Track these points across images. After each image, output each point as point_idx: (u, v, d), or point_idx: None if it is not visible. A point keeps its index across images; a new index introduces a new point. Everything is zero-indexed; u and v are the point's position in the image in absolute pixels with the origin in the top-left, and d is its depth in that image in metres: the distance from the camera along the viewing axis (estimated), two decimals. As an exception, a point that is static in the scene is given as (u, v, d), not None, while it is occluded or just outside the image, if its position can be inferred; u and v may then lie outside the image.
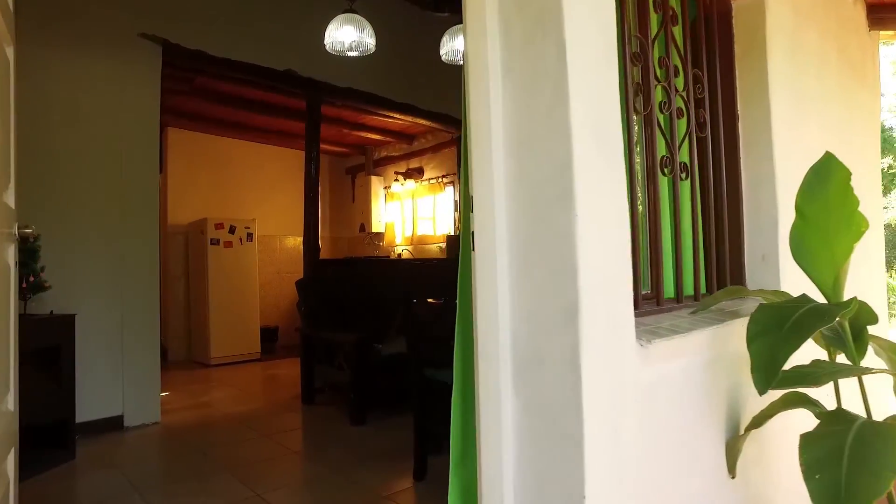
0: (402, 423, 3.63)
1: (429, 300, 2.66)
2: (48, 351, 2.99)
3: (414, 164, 7.32)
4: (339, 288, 4.45)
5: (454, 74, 5.81)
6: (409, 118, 5.64)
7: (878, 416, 1.30)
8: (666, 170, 1.66)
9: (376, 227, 7.46)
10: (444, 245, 6.66)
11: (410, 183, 7.23)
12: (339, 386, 4.05)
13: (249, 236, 6.45)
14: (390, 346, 3.57)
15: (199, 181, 6.75)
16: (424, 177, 7.13)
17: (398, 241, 7.47)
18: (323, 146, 5.98)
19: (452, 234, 6.47)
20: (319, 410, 4.07)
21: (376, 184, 7.52)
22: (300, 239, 4.94)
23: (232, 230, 6.30)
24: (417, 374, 2.71)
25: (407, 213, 7.38)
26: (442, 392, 3.02)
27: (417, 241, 7.20)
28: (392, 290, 4.45)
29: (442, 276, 2.78)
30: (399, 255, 7.27)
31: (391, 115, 5.53)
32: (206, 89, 5.28)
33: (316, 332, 4.20)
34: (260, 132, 6.79)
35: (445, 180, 6.80)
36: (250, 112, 5.87)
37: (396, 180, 7.37)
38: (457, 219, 6.46)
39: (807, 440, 1.17)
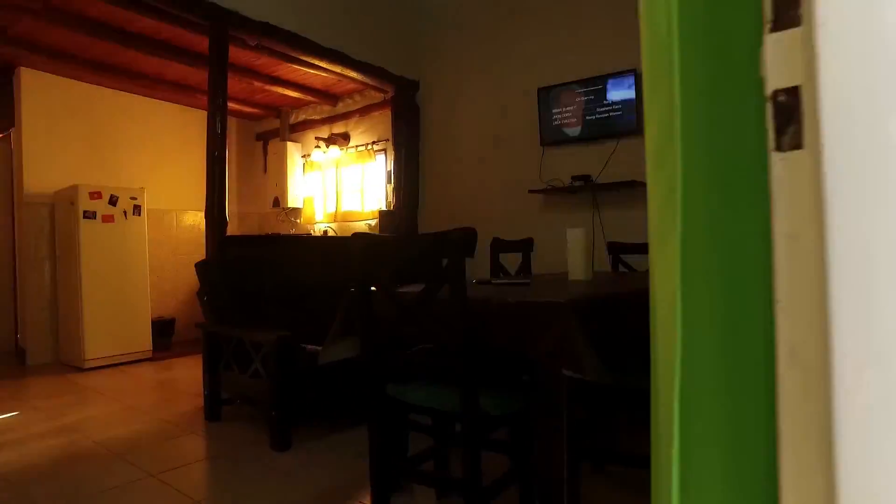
0: (339, 444, 2.83)
1: (399, 289, 1.87)
2: None
3: (338, 128, 6.36)
4: (255, 272, 3.52)
5: (398, 14, 5.00)
6: (338, 69, 4.72)
7: None
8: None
9: (293, 201, 6.46)
10: (374, 222, 5.81)
11: (334, 150, 6.28)
12: (254, 398, 3.15)
13: (136, 209, 5.26)
14: (331, 351, 2.74)
15: (68, 140, 5.41)
16: (351, 143, 6.21)
17: (319, 217, 6.51)
18: (230, 105, 4.90)
19: (384, 208, 5.63)
20: (229, 430, 3.16)
21: (293, 151, 6.50)
22: (201, 214, 3.92)
23: (113, 201, 5.09)
24: (376, 392, 1.93)
25: (329, 185, 6.43)
26: (408, 415, 2.26)
27: (342, 218, 6.29)
28: (327, 275, 3.62)
29: (400, 258, 1.98)
30: (325, 232, 6.32)
31: (315, 62, 4.56)
32: (70, 11, 4.05)
33: (224, 329, 3.26)
34: (150, 81, 5.53)
35: (376, 147, 5.92)
36: (136, 51, 4.64)
37: (318, 147, 6.38)
38: (389, 191, 5.62)
39: None
